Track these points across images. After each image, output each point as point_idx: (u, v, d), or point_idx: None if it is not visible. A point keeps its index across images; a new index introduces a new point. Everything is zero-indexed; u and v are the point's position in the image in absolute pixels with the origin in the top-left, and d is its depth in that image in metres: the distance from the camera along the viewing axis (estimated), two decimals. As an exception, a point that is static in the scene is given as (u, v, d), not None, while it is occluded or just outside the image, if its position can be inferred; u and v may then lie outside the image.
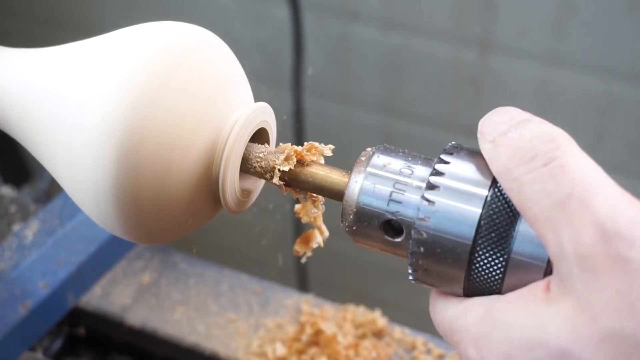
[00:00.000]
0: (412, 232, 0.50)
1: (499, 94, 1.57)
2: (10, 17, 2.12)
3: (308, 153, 0.58)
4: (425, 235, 0.49)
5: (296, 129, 1.62)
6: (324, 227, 0.63)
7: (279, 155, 0.57)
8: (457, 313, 0.50)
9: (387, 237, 0.52)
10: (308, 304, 1.04)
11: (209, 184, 0.57)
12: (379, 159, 0.53)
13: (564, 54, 1.46)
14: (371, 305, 1.04)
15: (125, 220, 0.55)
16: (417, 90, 1.66)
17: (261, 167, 0.58)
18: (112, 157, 0.52)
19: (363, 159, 0.54)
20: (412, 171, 0.52)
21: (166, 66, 0.54)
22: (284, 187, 0.58)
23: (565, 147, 0.45)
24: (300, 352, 0.98)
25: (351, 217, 0.53)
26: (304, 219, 0.61)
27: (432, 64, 1.60)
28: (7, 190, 1.23)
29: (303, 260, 0.64)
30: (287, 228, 1.78)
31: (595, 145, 1.54)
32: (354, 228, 0.53)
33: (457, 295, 0.51)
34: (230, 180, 0.57)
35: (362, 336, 1.00)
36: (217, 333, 1.02)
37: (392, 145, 0.55)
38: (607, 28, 1.40)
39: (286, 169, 0.57)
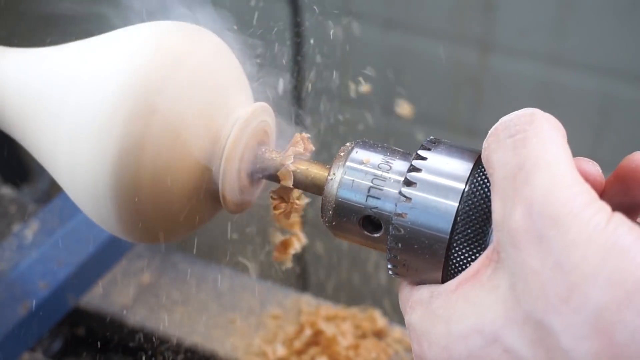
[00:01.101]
0: (390, 228, 0.50)
1: (499, 94, 1.57)
2: (10, 17, 2.12)
3: (309, 144, 0.58)
4: (402, 231, 0.49)
5: (296, 129, 1.62)
6: (301, 235, 0.64)
7: (286, 152, 0.58)
8: (406, 308, 0.50)
9: (365, 232, 0.53)
10: (308, 304, 1.04)
11: (209, 184, 0.57)
12: (358, 153, 0.53)
13: (564, 54, 1.46)
14: (371, 305, 1.04)
15: (124, 220, 0.55)
16: (417, 90, 1.66)
17: (268, 166, 0.58)
18: (111, 157, 0.52)
19: (342, 154, 0.54)
20: (391, 166, 0.52)
21: (166, 66, 0.54)
22: (292, 178, 0.57)
23: (537, 123, 0.45)
24: (300, 352, 0.98)
25: (330, 212, 0.53)
26: (282, 224, 0.61)
27: (432, 64, 1.60)
28: (7, 190, 1.23)
29: (284, 267, 0.64)
30: (287, 228, 1.77)
31: (594, 145, 1.54)
32: (334, 223, 0.53)
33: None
34: (230, 180, 0.57)
35: (362, 336, 1.00)
36: (217, 333, 1.02)
37: (372, 140, 0.55)
38: (607, 28, 1.40)
39: (301, 149, 0.57)
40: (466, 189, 0.49)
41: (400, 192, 0.50)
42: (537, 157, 0.43)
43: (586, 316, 0.38)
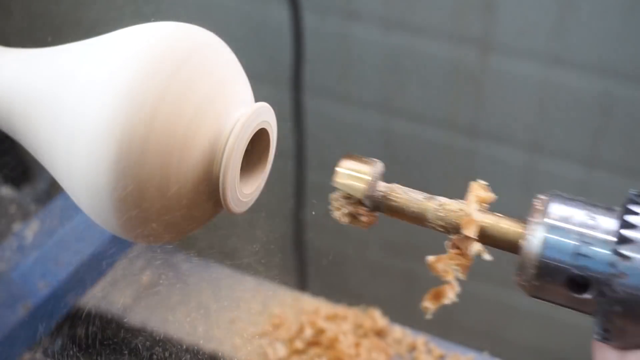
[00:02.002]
0: (605, 289, 0.47)
1: (499, 94, 1.57)
2: (10, 16, 2.12)
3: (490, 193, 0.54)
4: (622, 293, 0.46)
5: (296, 129, 1.62)
6: (455, 284, 0.56)
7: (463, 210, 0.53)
8: None
9: (572, 293, 0.49)
10: (308, 304, 1.04)
11: (209, 184, 0.57)
12: (557, 208, 0.50)
13: (564, 54, 1.46)
14: (371, 305, 1.04)
15: (125, 220, 0.55)
16: (417, 90, 1.66)
17: (447, 217, 0.54)
18: (112, 157, 0.52)
19: (539, 208, 0.51)
20: (596, 222, 0.49)
21: (167, 67, 0.54)
22: (476, 228, 0.53)
23: None
24: (301, 352, 0.98)
25: (532, 271, 0.50)
26: (443, 275, 0.55)
27: (432, 64, 1.60)
28: (7, 190, 1.23)
29: (428, 316, 0.57)
30: (288, 228, 1.78)
31: (595, 145, 1.54)
32: (536, 283, 0.50)
33: None
34: (231, 181, 0.57)
35: (362, 336, 1.00)
36: (217, 333, 1.02)
37: (566, 192, 0.52)
38: (607, 28, 1.40)
39: (483, 194, 0.53)
40: None
41: (615, 251, 0.47)
42: None
43: None
